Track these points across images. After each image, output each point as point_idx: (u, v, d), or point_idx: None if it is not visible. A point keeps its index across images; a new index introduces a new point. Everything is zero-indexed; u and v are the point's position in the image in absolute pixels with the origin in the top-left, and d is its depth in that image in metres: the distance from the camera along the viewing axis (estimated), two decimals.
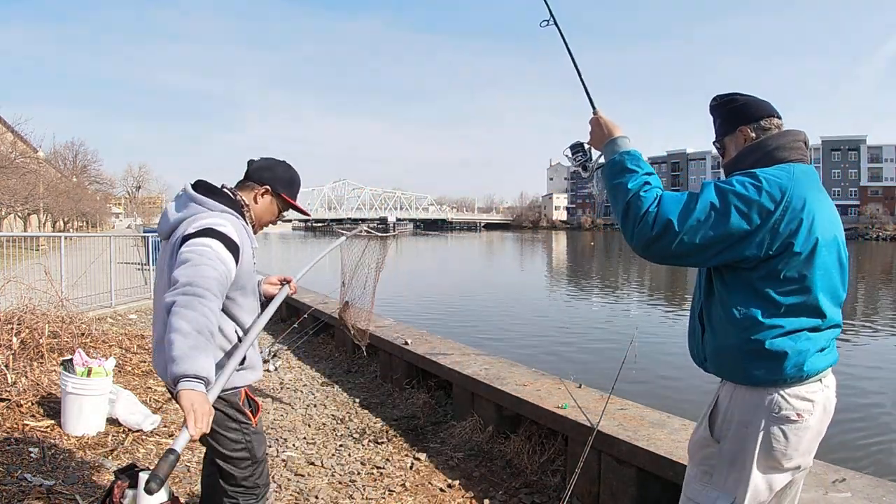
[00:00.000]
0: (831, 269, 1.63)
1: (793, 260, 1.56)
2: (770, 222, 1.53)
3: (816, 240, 1.56)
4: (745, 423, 1.66)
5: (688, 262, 1.62)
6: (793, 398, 1.62)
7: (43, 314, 4.72)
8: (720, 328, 1.68)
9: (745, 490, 1.65)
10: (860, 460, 5.01)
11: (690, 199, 1.58)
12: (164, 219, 1.91)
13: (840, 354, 1.73)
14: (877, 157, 72.65)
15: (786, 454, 1.64)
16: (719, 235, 1.54)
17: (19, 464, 3.04)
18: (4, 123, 23.11)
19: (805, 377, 1.61)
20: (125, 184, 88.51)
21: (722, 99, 1.85)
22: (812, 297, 1.60)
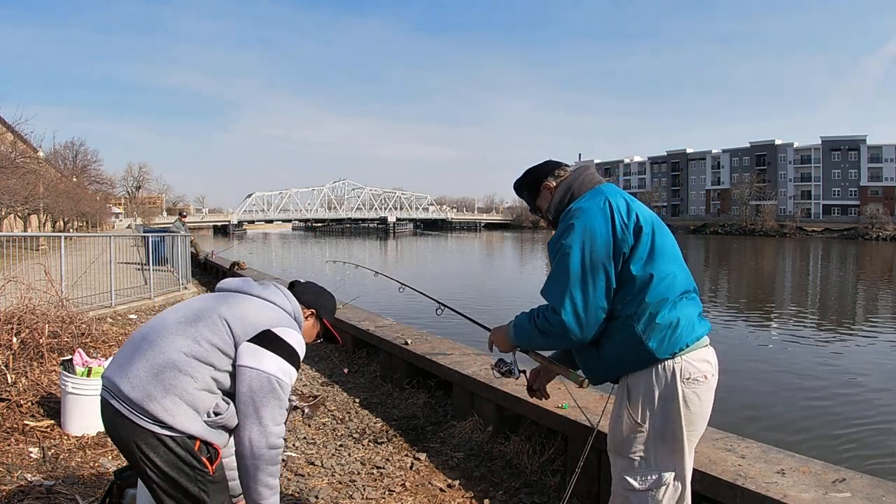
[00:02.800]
0: (676, 250, 1.96)
1: (638, 250, 1.87)
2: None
3: (654, 229, 1.90)
4: (663, 396, 1.82)
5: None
6: (696, 361, 1.83)
7: (43, 314, 4.71)
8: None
9: (681, 458, 1.83)
10: (860, 460, 5.01)
11: (557, 272, 1.88)
12: (237, 283, 2.10)
13: (840, 354, 1.76)
14: (877, 157, 72.57)
15: (702, 413, 1.85)
16: (601, 281, 1.85)
17: (19, 464, 3.04)
18: (4, 123, 23.07)
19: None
20: (125, 184, 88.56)
21: (520, 178, 2.18)
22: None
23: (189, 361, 1.83)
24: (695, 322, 1.86)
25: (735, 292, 19.95)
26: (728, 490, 2.29)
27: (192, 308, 1.98)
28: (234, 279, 2.14)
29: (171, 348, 1.84)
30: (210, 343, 1.87)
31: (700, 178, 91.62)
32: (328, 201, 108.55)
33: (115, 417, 1.82)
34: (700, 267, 30.08)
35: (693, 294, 1.92)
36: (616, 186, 2.05)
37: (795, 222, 74.96)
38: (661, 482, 1.83)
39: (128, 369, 1.83)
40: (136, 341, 1.91)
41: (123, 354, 1.90)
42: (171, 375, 1.81)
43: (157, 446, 1.79)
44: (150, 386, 1.79)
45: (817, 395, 7.30)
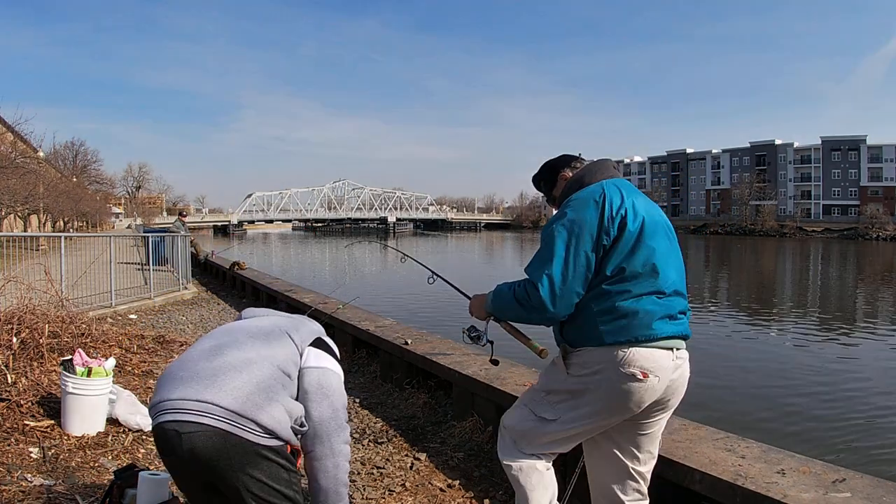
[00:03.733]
0: (662, 246, 2.03)
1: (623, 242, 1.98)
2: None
3: (643, 222, 1.99)
4: (595, 371, 1.95)
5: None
6: (641, 357, 1.90)
7: (43, 314, 4.71)
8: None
9: (569, 415, 2.01)
10: (860, 460, 5.01)
11: (542, 249, 2.03)
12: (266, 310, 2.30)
13: (840, 354, 1.76)
14: (877, 157, 72.57)
15: (624, 405, 1.93)
16: (582, 261, 1.96)
17: (19, 464, 3.04)
18: (4, 123, 23.07)
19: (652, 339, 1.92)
20: (125, 184, 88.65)
21: (539, 171, 2.35)
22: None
23: (280, 373, 1.91)
24: (654, 321, 1.91)
25: (735, 292, 19.95)
26: (728, 490, 2.29)
27: (256, 326, 2.07)
28: (259, 308, 2.36)
29: (263, 361, 1.89)
30: (286, 355, 1.98)
31: (700, 178, 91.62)
32: (328, 201, 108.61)
33: (210, 439, 1.72)
34: (700, 267, 30.08)
35: (670, 297, 1.97)
36: (627, 182, 2.10)
37: (795, 222, 74.98)
38: (542, 418, 2.07)
39: (222, 384, 1.78)
40: (210, 361, 1.86)
41: (197, 375, 1.82)
42: (271, 386, 1.85)
43: (261, 462, 1.77)
44: (256, 396, 1.79)
45: (817, 395, 7.30)
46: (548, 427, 2.06)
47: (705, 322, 13.09)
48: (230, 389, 1.77)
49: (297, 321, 2.19)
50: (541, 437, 2.10)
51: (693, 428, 2.89)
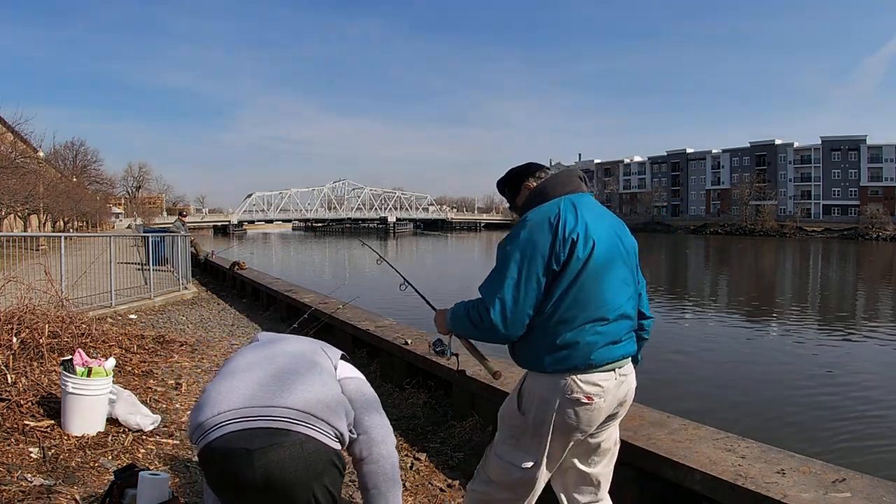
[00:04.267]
0: (610, 271, 2.04)
1: (570, 268, 1.99)
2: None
3: (593, 247, 1.97)
4: (544, 400, 2.00)
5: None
6: (584, 384, 1.97)
7: (43, 314, 4.71)
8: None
9: (542, 453, 2.03)
10: (860, 460, 5.01)
11: (495, 269, 2.04)
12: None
13: (840, 354, 1.76)
14: (877, 157, 72.54)
15: (578, 428, 2.01)
16: (532, 285, 1.98)
17: (19, 464, 3.04)
18: (4, 123, 23.09)
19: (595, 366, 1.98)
20: (125, 184, 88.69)
21: (503, 177, 2.31)
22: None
23: (331, 380, 2.00)
24: (595, 350, 1.97)
25: (735, 292, 19.95)
26: (728, 490, 2.29)
27: (285, 345, 2.13)
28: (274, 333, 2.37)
29: (310, 370, 1.95)
30: (326, 367, 2.05)
31: (700, 178, 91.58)
32: (328, 201, 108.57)
33: (286, 451, 1.67)
34: (700, 267, 30.08)
35: (614, 322, 2.01)
36: (588, 199, 2.11)
37: (795, 222, 74.95)
38: (519, 464, 2.05)
39: (290, 388, 1.81)
40: (263, 370, 1.90)
41: (258, 383, 1.83)
42: (333, 398, 1.90)
43: (331, 469, 1.79)
44: (323, 399, 1.85)
45: (818, 394, 7.30)
46: (526, 474, 2.06)
47: (705, 322, 13.09)
48: (299, 392, 1.78)
49: (319, 342, 2.26)
50: (520, 487, 2.08)
51: (693, 428, 2.89)
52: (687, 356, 9.40)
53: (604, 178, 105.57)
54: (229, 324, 8.70)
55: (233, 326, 8.48)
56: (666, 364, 8.59)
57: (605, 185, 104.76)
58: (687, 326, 12.61)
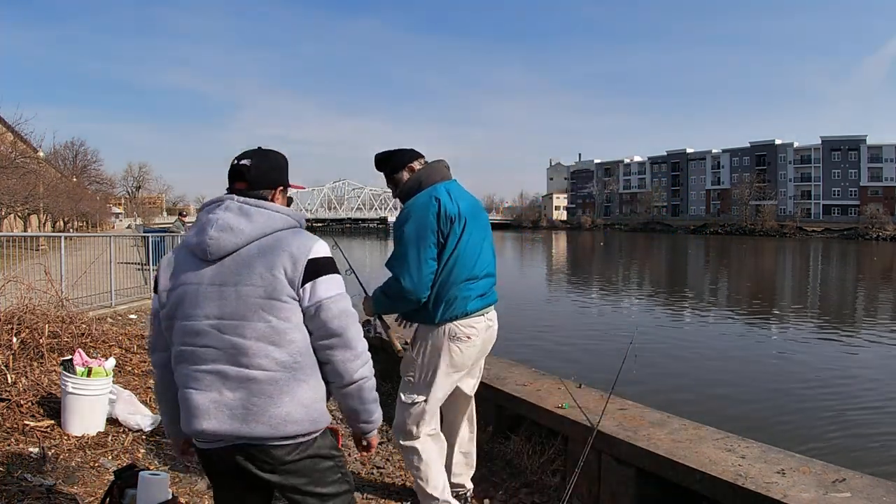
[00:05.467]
0: (478, 240, 2.64)
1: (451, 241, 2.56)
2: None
3: (465, 223, 2.56)
4: (435, 346, 2.62)
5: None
6: (464, 327, 2.61)
7: (43, 314, 4.71)
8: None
9: (432, 389, 2.64)
10: (860, 460, 5.01)
11: (398, 247, 2.57)
12: (231, 234, 1.59)
13: (840, 354, 1.76)
14: (877, 157, 72.53)
15: (462, 363, 2.66)
16: (429, 253, 2.52)
17: (19, 464, 3.04)
18: (4, 123, 23.08)
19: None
20: (125, 184, 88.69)
21: (388, 155, 2.75)
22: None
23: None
24: (469, 301, 2.59)
25: (735, 292, 19.95)
26: (728, 490, 2.29)
27: (222, 280, 1.75)
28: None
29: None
30: None
31: (700, 178, 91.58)
32: (328, 201, 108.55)
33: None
34: (700, 267, 30.09)
35: (482, 279, 2.64)
36: (455, 185, 2.67)
37: (795, 222, 74.95)
38: (416, 401, 2.66)
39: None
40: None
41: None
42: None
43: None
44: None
45: (818, 394, 7.30)
46: (423, 405, 2.64)
47: (706, 322, 13.09)
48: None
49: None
50: (423, 415, 2.65)
51: (693, 428, 2.89)
52: (687, 356, 9.40)
53: (604, 178, 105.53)
54: None
55: None
56: (666, 364, 8.59)
57: (605, 185, 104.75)
58: (687, 326, 12.61)
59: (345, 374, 1.63)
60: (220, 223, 1.61)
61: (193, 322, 1.59)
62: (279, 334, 1.55)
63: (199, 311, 1.59)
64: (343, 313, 1.60)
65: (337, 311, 1.59)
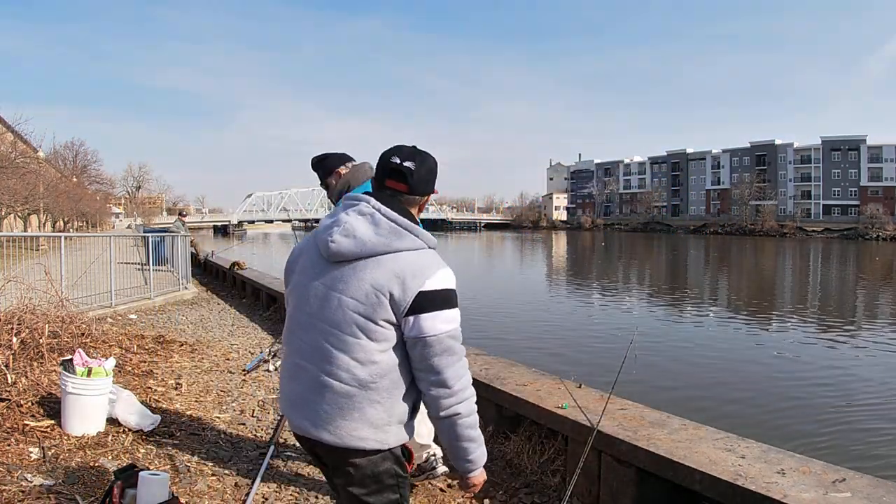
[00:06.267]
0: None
1: None
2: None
3: None
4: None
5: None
6: None
7: (43, 314, 4.71)
8: None
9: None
10: (860, 460, 5.01)
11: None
12: (351, 242, 1.55)
13: (840, 354, 1.76)
14: (877, 157, 72.53)
15: None
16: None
17: (19, 464, 3.04)
18: (4, 123, 23.10)
19: None
20: (125, 184, 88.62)
21: (322, 159, 3.00)
22: None
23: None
24: None
25: (735, 292, 19.96)
26: (728, 490, 2.29)
27: (324, 286, 1.72)
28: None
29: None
30: None
31: (700, 178, 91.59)
32: (328, 201, 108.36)
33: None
34: (700, 267, 30.09)
35: None
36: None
37: (795, 222, 74.95)
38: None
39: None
40: None
41: None
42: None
43: None
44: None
45: (818, 395, 7.30)
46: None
47: (706, 322, 13.10)
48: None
49: None
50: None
51: (693, 428, 2.89)
52: (687, 356, 9.40)
53: (604, 178, 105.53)
54: (229, 324, 8.70)
55: (233, 326, 8.48)
56: (666, 364, 8.59)
57: (605, 185, 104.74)
58: (687, 326, 12.61)
59: (436, 408, 1.59)
60: (346, 227, 1.57)
61: (300, 315, 1.62)
62: (365, 353, 1.53)
63: (306, 306, 1.61)
64: (446, 352, 1.55)
65: (438, 350, 1.54)
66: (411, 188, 1.65)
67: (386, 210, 1.58)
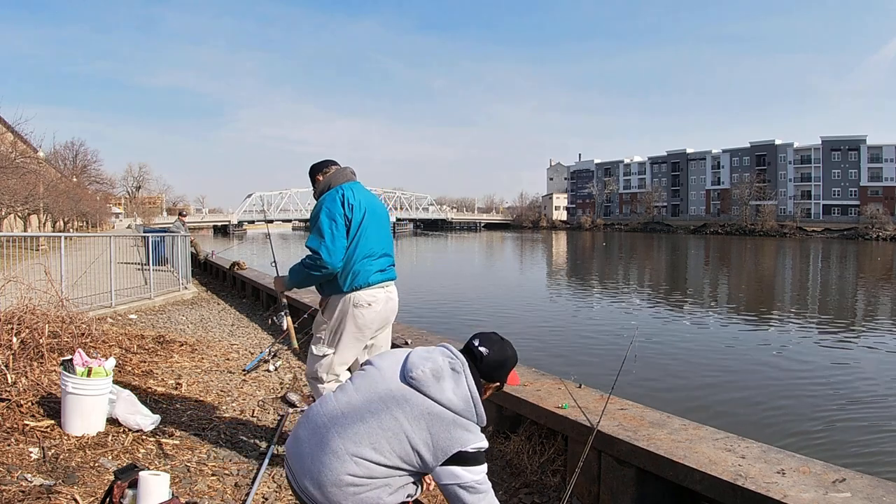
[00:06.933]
0: (374, 226, 3.26)
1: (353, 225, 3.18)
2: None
3: (364, 212, 3.20)
4: (342, 310, 3.20)
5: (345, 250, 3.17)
6: (365, 295, 3.19)
7: (43, 314, 4.71)
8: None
9: (338, 345, 3.23)
10: (860, 460, 5.01)
11: (315, 229, 3.17)
12: (435, 386, 1.86)
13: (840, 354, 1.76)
14: (877, 157, 72.52)
15: (365, 325, 3.21)
16: (340, 231, 3.13)
17: (19, 464, 3.04)
18: (4, 123, 23.09)
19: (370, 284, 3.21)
20: (125, 184, 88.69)
21: (310, 168, 3.47)
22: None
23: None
24: (370, 274, 3.19)
25: (735, 292, 19.95)
26: (728, 490, 2.29)
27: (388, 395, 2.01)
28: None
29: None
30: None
31: (700, 178, 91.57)
32: None
33: None
34: (700, 267, 30.08)
35: (379, 258, 3.25)
36: (358, 185, 3.33)
37: (795, 222, 74.94)
38: (325, 354, 3.25)
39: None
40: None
41: None
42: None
43: None
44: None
45: (818, 395, 7.30)
46: (332, 358, 3.22)
47: (706, 322, 13.09)
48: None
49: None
50: (330, 366, 3.24)
51: (693, 428, 2.89)
52: (687, 356, 9.40)
53: (604, 178, 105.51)
54: (229, 324, 8.70)
55: (233, 326, 8.48)
56: (666, 364, 8.59)
57: (605, 185, 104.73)
58: (687, 326, 12.60)
59: None
60: (436, 370, 1.88)
61: (359, 392, 1.90)
62: (391, 465, 1.82)
63: (368, 397, 1.87)
64: (470, 489, 1.86)
65: (468, 490, 1.86)
66: (479, 371, 1.97)
67: (470, 381, 1.89)
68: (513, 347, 2.05)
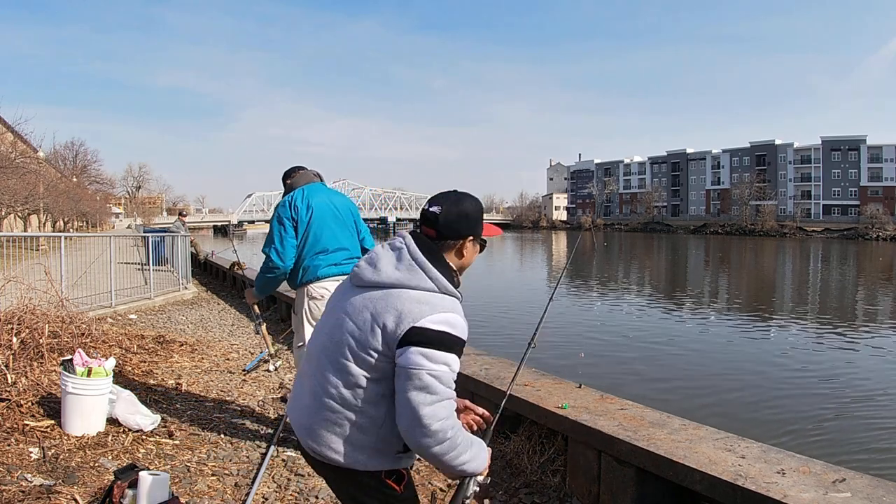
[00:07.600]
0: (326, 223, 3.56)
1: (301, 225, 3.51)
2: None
3: (312, 212, 3.52)
4: (300, 302, 3.61)
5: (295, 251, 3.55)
6: (317, 288, 3.53)
7: (43, 314, 4.71)
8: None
9: (303, 334, 3.55)
10: (860, 460, 5.01)
11: (268, 235, 3.57)
12: (371, 270, 1.61)
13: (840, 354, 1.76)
14: (877, 157, 72.50)
15: (317, 315, 3.40)
16: (289, 233, 3.48)
17: (19, 464, 3.04)
18: (4, 123, 23.10)
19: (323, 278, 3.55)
20: (125, 184, 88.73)
21: (285, 172, 3.76)
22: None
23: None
24: (321, 268, 3.49)
25: (735, 292, 19.95)
26: (728, 490, 2.29)
27: (341, 308, 1.78)
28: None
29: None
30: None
31: (700, 178, 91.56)
32: None
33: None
34: (700, 267, 30.08)
35: (333, 252, 3.54)
36: (317, 186, 3.68)
37: (795, 222, 74.93)
38: (300, 345, 3.56)
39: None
40: None
41: None
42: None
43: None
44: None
45: (818, 395, 7.30)
46: (303, 349, 3.37)
47: (706, 322, 13.09)
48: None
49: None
50: (302, 356, 3.30)
51: (693, 428, 2.89)
52: (687, 356, 9.40)
53: (604, 178, 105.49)
54: (229, 324, 8.70)
55: (233, 326, 8.48)
56: (666, 364, 8.59)
57: (605, 185, 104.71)
58: (688, 327, 12.60)
59: (413, 445, 1.55)
60: (372, 256, 1.65)
61: (319, 326, 1.76)
62: (352, 376, 1.55)
63: (325, 320, 1.72)
64: (424, 389, 1.48)
65: (417, 385, 1.48)
66: (439, 232, 1.66)
67: (413, 248, 1.61)
68: (474, 197, 1.76)
